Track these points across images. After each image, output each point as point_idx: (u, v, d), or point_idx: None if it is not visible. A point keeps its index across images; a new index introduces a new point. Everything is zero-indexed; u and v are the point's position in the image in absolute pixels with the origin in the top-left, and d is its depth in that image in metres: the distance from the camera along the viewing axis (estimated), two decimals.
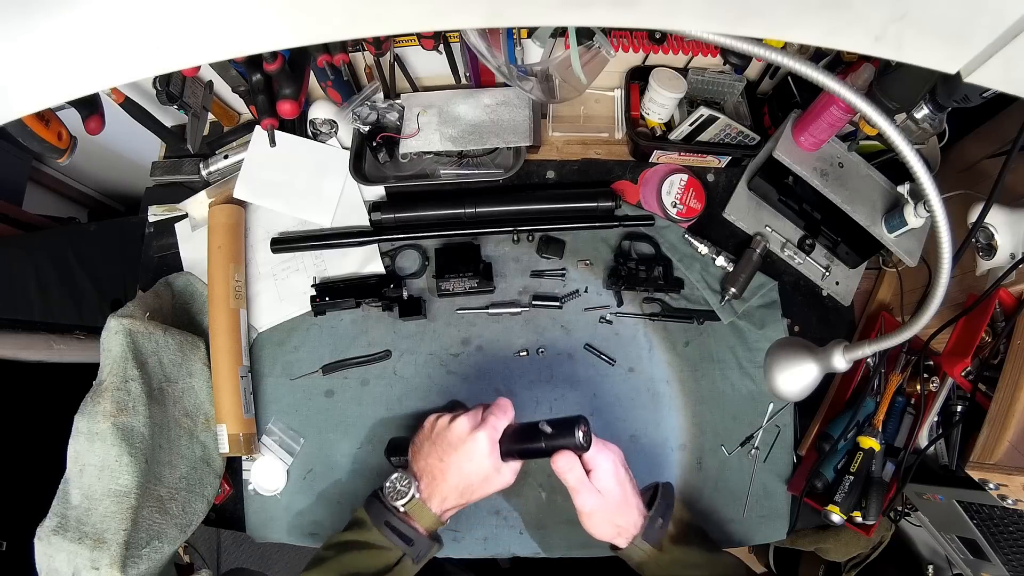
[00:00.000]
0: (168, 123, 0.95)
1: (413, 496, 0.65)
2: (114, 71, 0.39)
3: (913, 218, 0.76)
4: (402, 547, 0.64)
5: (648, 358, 0.90)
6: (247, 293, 0.89)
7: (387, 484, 0.66)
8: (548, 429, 0.66)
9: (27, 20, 0.34)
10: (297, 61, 0.77)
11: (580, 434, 0.64)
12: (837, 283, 0.96)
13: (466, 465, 0.65)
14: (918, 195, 0.74)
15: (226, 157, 0.95)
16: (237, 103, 0.98)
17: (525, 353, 0.89)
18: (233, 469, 0.86)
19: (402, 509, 0.65)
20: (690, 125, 0.89)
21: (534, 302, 0.90)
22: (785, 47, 0.70)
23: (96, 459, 0.69)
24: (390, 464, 0.82)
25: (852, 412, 0.83)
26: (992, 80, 0.38)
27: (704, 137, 0.91)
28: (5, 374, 1.04)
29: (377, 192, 0.95)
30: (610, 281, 0.91)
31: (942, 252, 0.46)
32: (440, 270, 0.89)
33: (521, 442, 0.67)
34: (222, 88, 0.90)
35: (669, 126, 0.94)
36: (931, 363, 0.86)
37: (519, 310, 0.90)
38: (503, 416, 0.68)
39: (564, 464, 0.65)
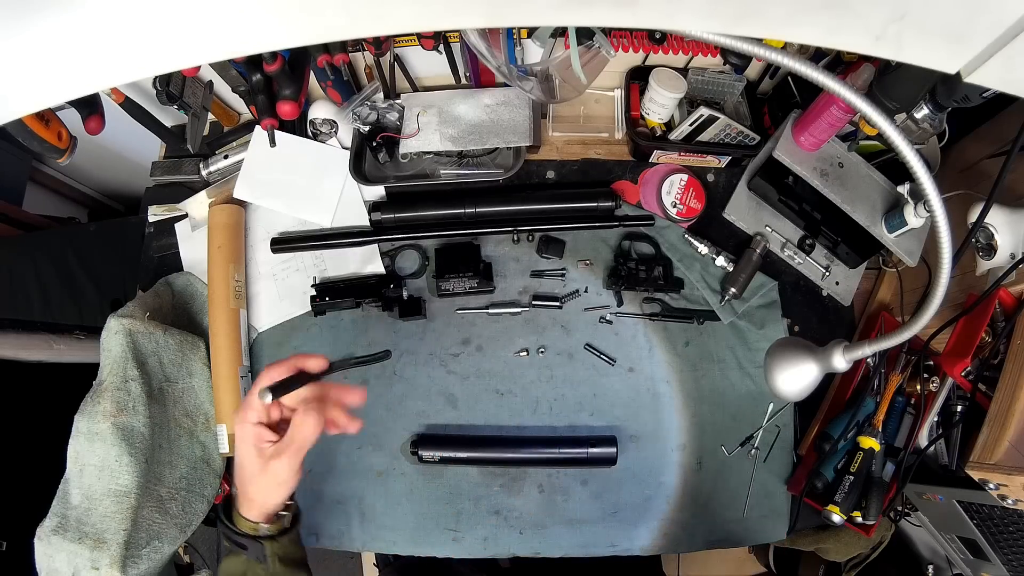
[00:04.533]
0: (168, 123, 0.95)
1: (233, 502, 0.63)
2: (114, 71, 0.39)
3: (913, 218, 0.76)
4: (240, 552, 0.62)
5: (648, 358, 0.90)
6: (247, 293, 0.89)
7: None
8: None
9: (27, 20, 0.34)
10: (297, 61, 0.77)
11: None
12: (837, 283, 0.96)
13: (237, 459, 0.60)
14: (918, 195, 0.74)
15: (226, 157, 0.95)
16: (237, 103, 0.98)
17: (525, 353, 0.89)
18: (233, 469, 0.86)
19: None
20: (690, 125, 0.89)
21: (534, 302, 0.90)
22: (785, 47, 0.70)
23: (96, 459, 0.69)
24: (418, 460, 0.82)
25: (852, 412, 0.83)
26: (992, 80, 0.38)
27: (704, 137, 0.90)
28: (5, 374, 1.04)
29: (377, 192, 0.95)
30: (610, 281, 0.91)
31: (942, 252, 0.46)
32: (440, 270, 0.89)
33: None
34: (222, 88, 0.90)
35: (669, 126, 0.94)
36: (931, 363, 0.86)
37: (519, 310, 0.90)
38: (250, 401, 0.58)
39: None
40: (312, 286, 0.90)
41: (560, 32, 0.79)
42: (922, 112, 0.67)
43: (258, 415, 0.58)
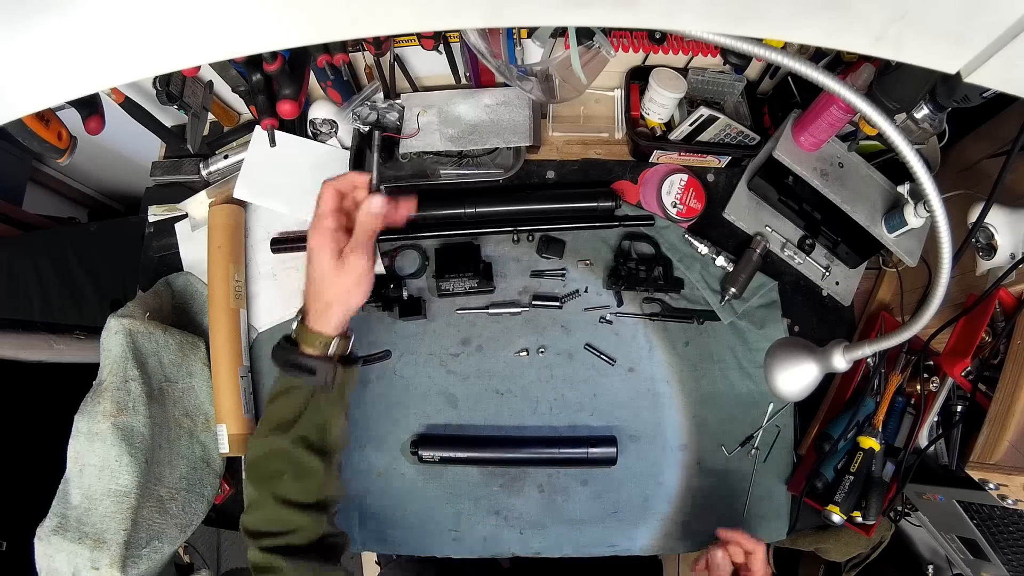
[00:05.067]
0: (168, 123, 0.95)
1: (296, 321, 0.65)
2: (114, 71, 0.39)
3: (913, 218, 0.76)
4: (306, 380, 0.63)
5: (648, 358, 0.90)
6: (247, 293, 0.89)
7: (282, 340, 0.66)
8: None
9: (27, 20, 0.34)
10: (297, 61, 0.77)
11: None
12: (837, 283, 0.96)
13: (313, 271, 0.63)
14: (918, 195, 0.74)
15: (226, 157, 0.95)
16: (237, 103, 0.98)
17: (525, 353, 0.89)
18: (233, 469, 0.86)
19: (294, 338, 0.64)
20: (690, 125, 0.89)
21: (534, 302, 0.90)
22: (785, 47, 0.70)
23: (96, 459, 0.69)
24: (418, 460, 0.82)
25: (852, 412, 0.83)
26: (992, 80, 0.38)
27: (704, 137, 0.90)
28: (5, 374, 1.04)
29: None
30: (610, 281, 0.91)
31: (942, 252, 0.46)
32: (440, 270, 0.89)
33: None
34: (222, 88, 0.90)
35: (669, 126, 0.94)
36: (931, 363, 0.86)
37: (519, 310, 0.90)
38: (329, 204, 0.63)
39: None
40: None
41: (560, 32, 0.79)
42: (922, 112, 0.67)
43: (335, 221, 0.63)
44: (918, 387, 0.85)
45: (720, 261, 0.91)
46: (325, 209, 0.63)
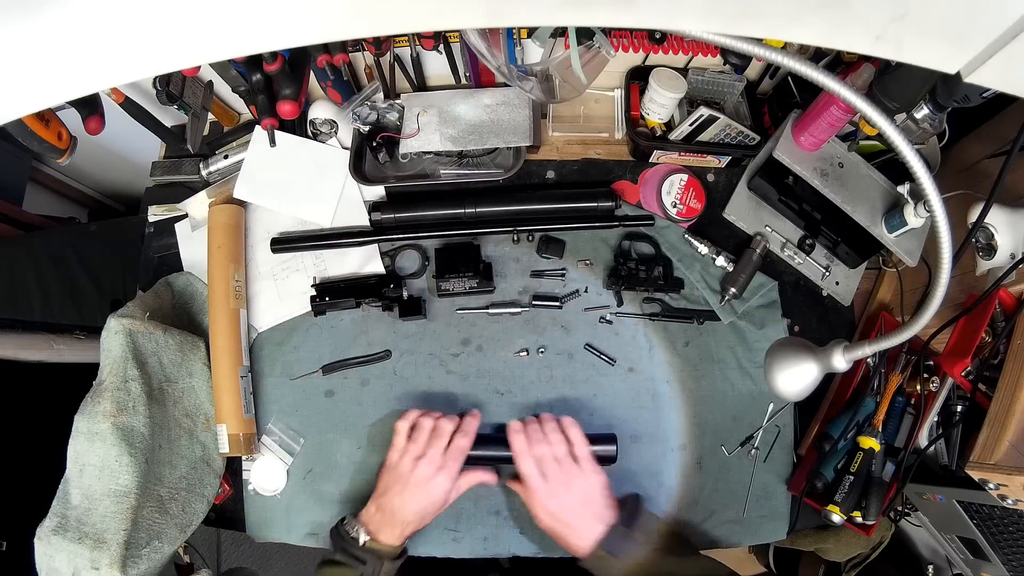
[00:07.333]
0: (168, 123, 0.95)
1: (363, 540, 0.72)
2: (114, 71, 0.39)
3: (913, 218, 0.76)
4: (358, 567, 0.71)
5: (648, 358, 0.90)
6: (247, 293, 0.89)
7: (343, 527, 0.74)
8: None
9: (27, 19, 0.34)
10: (297, 61, 0.77)
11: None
12: (837, 283, 0.96)
13: (423, 500, 0.73)
14: (918, 195, 0.74)
15: (226, 157, 0.95)
16: (237, 103, 0.98)
17: (525, 353, 0.89)
18: (233, 469, 0.86)
19: (351, 531, 0.73)
20: (690, 125, 0.89)
21: (534, 302, 0.90)
22: (785, 47, 0.70)
23: (96, 459, 0.69)
24: None
25: (852, 412, 0.83)
26: (992, 80, 0.38)
27: (704, 137, 0.90)
28: (5, 374, 1.04)
29: (377, 192, 0.95)
30: (610, 281, 0.91)
31: (942, 252, 0.46)
32: (440, 270, 0.89)
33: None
34: (222, 88, 0.90)
35: (669, 126, 0.94)
36: (931, 363, 0.86)
37: (519, 310, 0.90)
38: (461, 452, 0.76)
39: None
40: (312, 286, 0.90)
41: (560, 32, 0.79)
42: (922, 112, 0.67)
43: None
44: (918, 387, 0.85)
45: (720, 261, 0.91)
46: (467, 440, 0.77)
